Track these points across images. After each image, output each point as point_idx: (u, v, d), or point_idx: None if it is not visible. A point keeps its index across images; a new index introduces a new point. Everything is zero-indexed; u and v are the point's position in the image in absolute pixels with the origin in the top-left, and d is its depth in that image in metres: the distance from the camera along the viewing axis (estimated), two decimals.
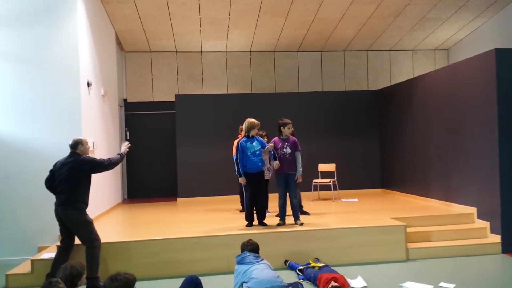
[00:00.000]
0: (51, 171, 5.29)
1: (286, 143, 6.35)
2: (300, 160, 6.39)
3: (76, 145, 5.22)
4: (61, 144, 6.78)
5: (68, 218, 5.08)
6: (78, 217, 5.09)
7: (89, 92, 7.44)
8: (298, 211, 6.44)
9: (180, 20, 9.51)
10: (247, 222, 6.37)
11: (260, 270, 4.29)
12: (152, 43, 10.65)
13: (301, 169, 6.37)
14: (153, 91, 11.17)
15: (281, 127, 6.41)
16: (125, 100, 11.11)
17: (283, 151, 6.32)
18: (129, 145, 5.71)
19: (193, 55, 11.27)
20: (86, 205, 5.23)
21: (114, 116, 9.66)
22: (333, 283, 4.56)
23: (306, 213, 7.26)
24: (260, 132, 7.02)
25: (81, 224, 5.10)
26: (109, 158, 5.38)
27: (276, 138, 6.48)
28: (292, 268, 5.61)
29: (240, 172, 6.27)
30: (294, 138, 6.46)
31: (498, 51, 6.46)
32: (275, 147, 6.34)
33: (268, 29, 10.19)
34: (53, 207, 5.23)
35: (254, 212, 6.43)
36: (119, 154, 5.47)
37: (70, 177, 5.09)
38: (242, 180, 6.31)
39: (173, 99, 10.49)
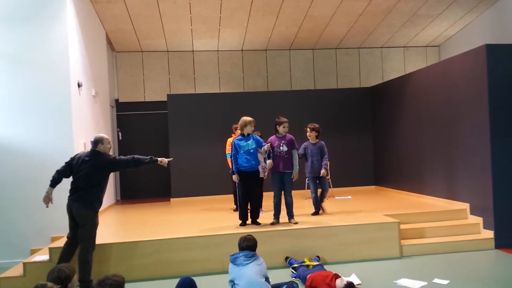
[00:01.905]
0: (68, 164, 5.18)
1: (283, 141, 6.33)
2: (297, 158, 6.39)
3: (96, 143, 5.16)
4: (52, 145, 6.77)
5: (81, 215, 5.01)
6: (91, 218, 5.05)
7: (79, 93, 7.38)
8: (292, 209, 6.41)
9: (171, 19, 9.46)
10: (241, 221, 6.35)
11: (247, 278, 4.23)
12: (143, 43, 10.59)
13: (297, 167, 6.36)
14: (145, 91, 11.11)
15: (277, 126, 6.40)
16: (116, 101, 11.03)
17: (279, 149, 6.30)
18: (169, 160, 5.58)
19: (185, 54, 11.22)
20: (101, 204, 5.20)
21: (106, 117, 9.60)
22: (343, 280, 4.47)
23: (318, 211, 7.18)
24: (256, 133, 7.00)
25: (89, 225, 5.04)
26: (132, 156, 5.28)
27: (273, 137, 6.45)
28: (291, 265, 5.60)
29: (233, 169, 6.25)
30: (291, 136, 6.44)
31: (489, 47, 6.48)
32: (271, 145, 6.32)
33: (260, 27, 10.17)
34: (45, 209, 5.18)
35: (248, 210, 6.41)
36: (150, 157, 5.34)
37: (90, 175, 5.04)
38: (235, 178, 6.29)
39: (165, 98, 10.44)
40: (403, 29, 10.89)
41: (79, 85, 7.32)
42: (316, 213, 7.09)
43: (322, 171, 7.01)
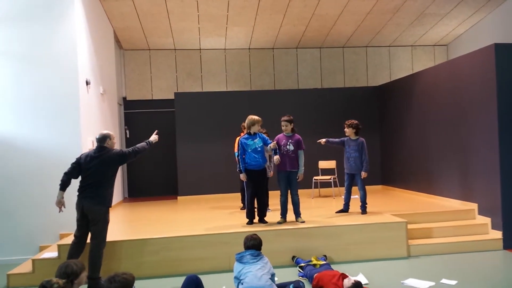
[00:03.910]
0: (76, 164, 5.20)
1: (290, 140, 6.32)
2: (303, 159, 6.35)
3: (104, 139, 5.23)
4: (60, 143, 6.80)
5: (94, 212, 5.04)
6: (104, 214, 5.10)
7: (87, 91, 7.42)
8: (299, 208, 6.41)
9: (178, 17, 9.47)
10: (248, 220, 6.36)
11: (253, 274, 4.25)
12: (150, 41, 10.61)
13: (303, 168, 6.34)
14: (152, 89, 11.15)
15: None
16: (124, 99, 11.08)
17: (286, 148, 6.29)
18: (157, 135, 5.67)
19: (192, 53, 11.24)
20: (112, 199, 5.24)
21: (114, 115, 9.64)
22: (351, 279, 4.47)
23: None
24: (262, 130, 6.99)
25: (102, 221, 5.09)
26: (135, 147, 5.42)
27: (280, 135, 6.45)
28: (298, 264, 5.61)
29: (241, 168, 6.26)
30: (299, 136, 6.42)
31: (498, 46, 6.44)
32: (278, 144, 6.32)
33: (267, 26, 10.16)
34: (52, 206, 5.20)
35: (255, 209, 6.42)
36: (146, 142, 5.51)
37: (101, 171, 5.09)
38: (243, 177, 6.29)
39: (172, 97, 10.48)
40: (411, 28, 10.84)
41: (87, 83, 7.35)
42: (342, 211, 7.03)
43: (364, 173, 6.88)
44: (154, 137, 5.63)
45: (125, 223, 7.59)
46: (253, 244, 4.54)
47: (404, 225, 6.07)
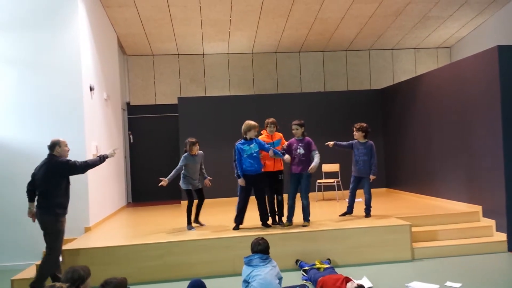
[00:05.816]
0: (32, 174, 5.20)
1: (300, 144, 6.38)
2: (318, 157, 6.31)
3: (53, 146, 5.16)
4: None
5: (41, 222, 5.03)
6: (51, 224, 5.01)
7: (91, 96, 7.45)
8: (308, 212, 6.41)
9: (182, 22, 9.52)
10: (235, 224, 6.34)
11: (262, 278, 4.28)
12: (154, 46, 10.66)
13: (317, 163, 6.26)
14: (155, 94, 11.19)
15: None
16: (128, 104, 11.12)
17: (297, 152, 6.35)
18: (117, 150, 5.76)
19: (195, 58, 11.28)
20: (64, 209, 5.13)
21: (118, 120, 9.68)
22: (354, 283, 4.47)
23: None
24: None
25: (50, 232, 5.02)
26: (85, 161, 5.34)
27: (292, 139, 6.52)
28: (301, 268, 5.60)
29: (239, 173, 6.26)
30: (309, 138, 6.46)
31: (501, 48, 6.43)
32: (290, 148, 6.38)
33: (270, 30, 10.19)
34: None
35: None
36: (99, 157, 5.45)
37: (46, 180, 5.02)
38: (241, 182, 6.29)
39: (176, 101, 10.51)
40: (413, 31, 10.83)
41: (91, 89, 7.39)
42: (346, 213, 7.03)
43: (372, 177, 6.86)
44: (110, 152, 5.63)
45: (128, 227, 7.60)
46: (261, 249, 4.59)
47: (408, 228, 6.05)
